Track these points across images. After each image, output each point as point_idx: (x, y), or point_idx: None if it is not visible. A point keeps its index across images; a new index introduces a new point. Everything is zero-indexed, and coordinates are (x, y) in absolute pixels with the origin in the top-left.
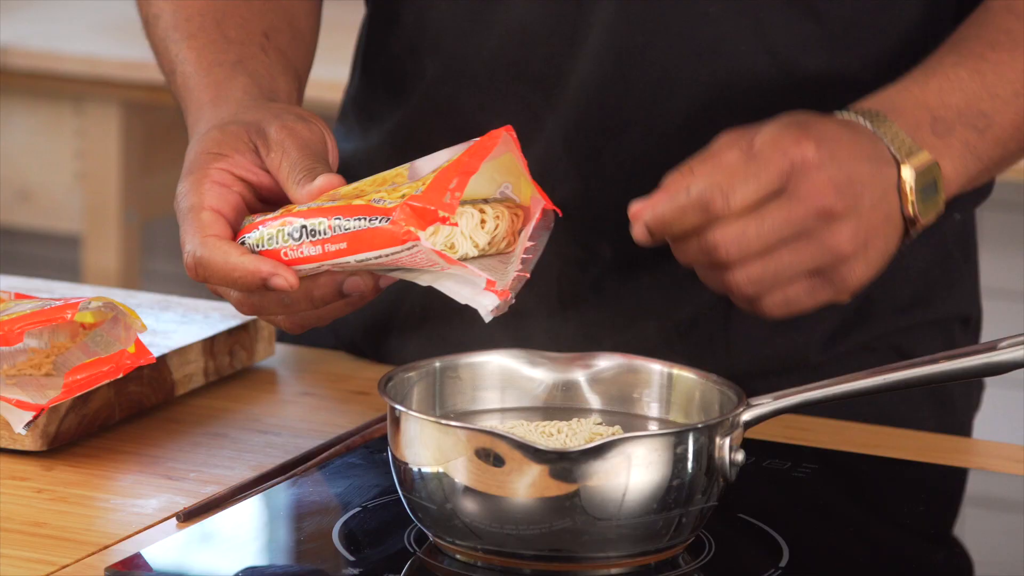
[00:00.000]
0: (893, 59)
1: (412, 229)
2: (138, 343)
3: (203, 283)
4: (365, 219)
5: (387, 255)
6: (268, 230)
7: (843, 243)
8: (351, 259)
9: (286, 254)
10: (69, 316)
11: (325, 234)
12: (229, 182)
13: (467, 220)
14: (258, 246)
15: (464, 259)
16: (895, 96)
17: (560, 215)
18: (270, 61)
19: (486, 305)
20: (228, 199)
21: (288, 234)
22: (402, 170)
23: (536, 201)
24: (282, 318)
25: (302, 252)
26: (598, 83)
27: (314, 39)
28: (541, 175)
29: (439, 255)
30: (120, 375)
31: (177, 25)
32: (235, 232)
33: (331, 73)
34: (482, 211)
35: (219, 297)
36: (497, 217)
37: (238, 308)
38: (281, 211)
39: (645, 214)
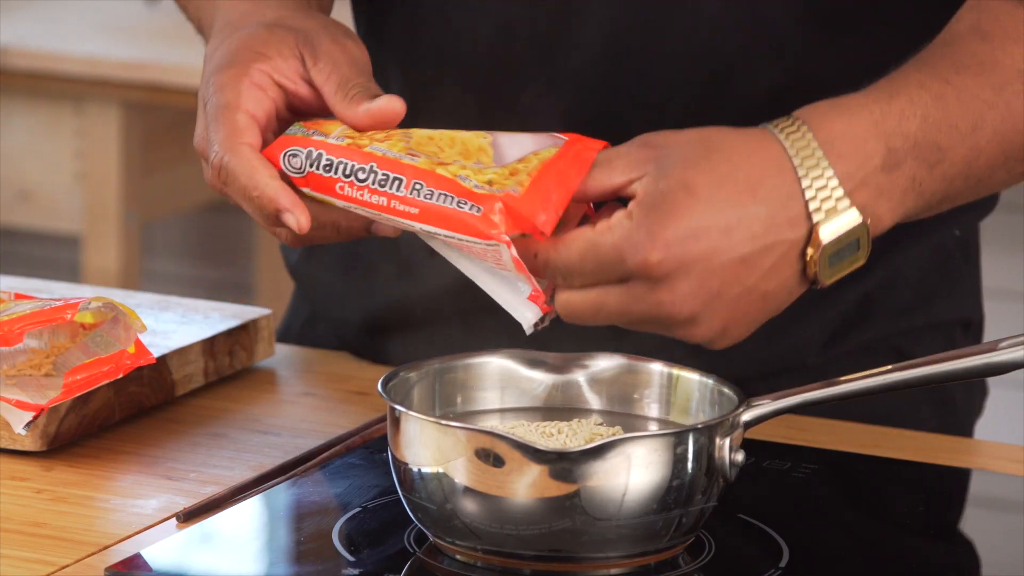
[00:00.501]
0: (896, 59)
1: (504, 235)
2: (138, 343)
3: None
4: (452, 198)
5: (458, 239)
6: (328, 155)
7: (692, 337)
8: (416, 224)
9: (342, 188)
10: (69, 316)
11: (398, 191)
12: (267, 86)
13: None
14: (311, 167)
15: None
16: (854, 116)
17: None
18: None
19: (528, 318)
20: (264, 104)
21: (354, 170)
22: (484, 144)
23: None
24: (287, 232)
25: (362, 196)
26: (593, 84)
27: None
28: None
29: (515, 262)
30: (120, 375)
31: None
32: (264, 141)
33: None
34: None
35: (225, 196)
36: None
37: (252, 214)
38: (348, 141)
39: None
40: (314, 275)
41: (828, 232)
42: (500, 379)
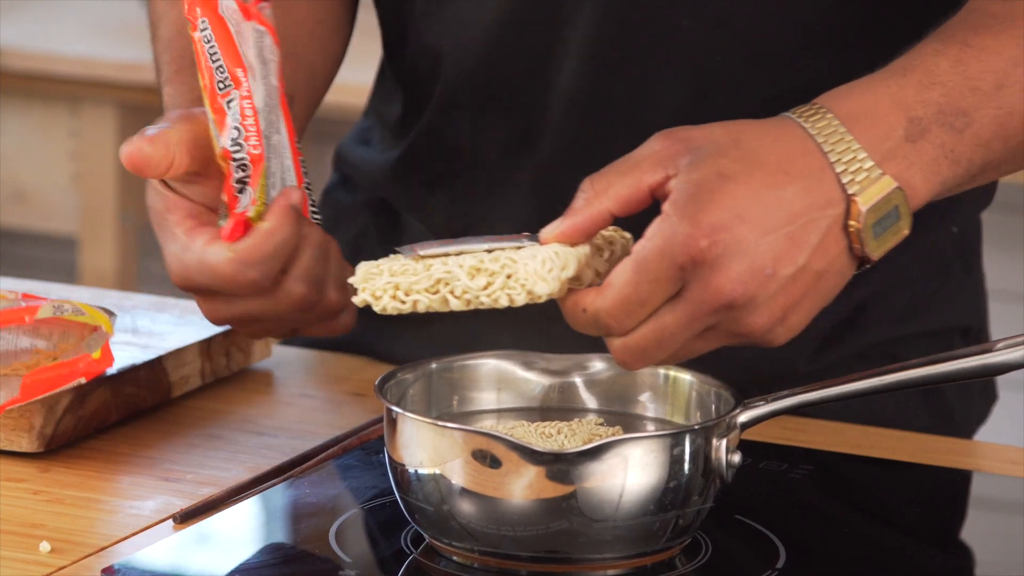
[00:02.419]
0: (873, 66)
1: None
2: (105, 349)
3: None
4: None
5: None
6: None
7: (753, 328)
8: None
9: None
10: (28, 320)
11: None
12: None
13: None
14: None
15: None
16: (870, 93)
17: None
18: None
19: None
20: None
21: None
22: None
23: None
24: (265, 324)
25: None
26: (577, 100)
27: (323, 61)
28: (530, 191)
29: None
30: (75, 381)
31: (162, 67)
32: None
33: (353, 77)
34: None
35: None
36: None
37: (230, 318)
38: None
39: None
40: None
41: (866, 201)
42: (497, 380)
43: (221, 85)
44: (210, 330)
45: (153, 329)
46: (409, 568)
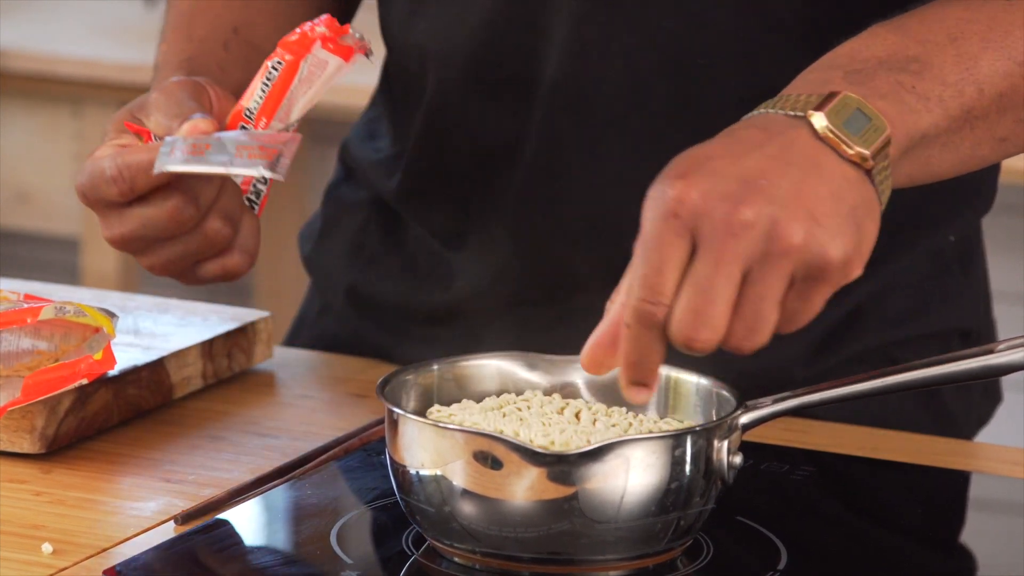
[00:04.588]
0: None
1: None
2: (107, 350)
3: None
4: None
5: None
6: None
7: (793, 240)
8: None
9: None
10: (30, 321)
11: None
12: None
13: None
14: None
15: None
16: (802, 72)
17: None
18: (231, 57)
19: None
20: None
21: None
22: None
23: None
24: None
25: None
26: (560, 101)
27: None
28: (519, 190)
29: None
30: (77, 382)
31: (163, 30)
32: None
33: (355, 79)
34: None
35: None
36: None
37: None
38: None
39: (596, 365)
40: (322, 265)
41: (819, 109)
42: (499, 381)
43: (248, 113)
44: (212, 331)
45: (155, 330)
46: (411, 569)
